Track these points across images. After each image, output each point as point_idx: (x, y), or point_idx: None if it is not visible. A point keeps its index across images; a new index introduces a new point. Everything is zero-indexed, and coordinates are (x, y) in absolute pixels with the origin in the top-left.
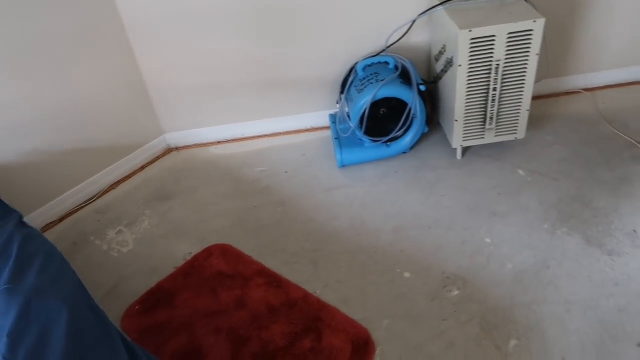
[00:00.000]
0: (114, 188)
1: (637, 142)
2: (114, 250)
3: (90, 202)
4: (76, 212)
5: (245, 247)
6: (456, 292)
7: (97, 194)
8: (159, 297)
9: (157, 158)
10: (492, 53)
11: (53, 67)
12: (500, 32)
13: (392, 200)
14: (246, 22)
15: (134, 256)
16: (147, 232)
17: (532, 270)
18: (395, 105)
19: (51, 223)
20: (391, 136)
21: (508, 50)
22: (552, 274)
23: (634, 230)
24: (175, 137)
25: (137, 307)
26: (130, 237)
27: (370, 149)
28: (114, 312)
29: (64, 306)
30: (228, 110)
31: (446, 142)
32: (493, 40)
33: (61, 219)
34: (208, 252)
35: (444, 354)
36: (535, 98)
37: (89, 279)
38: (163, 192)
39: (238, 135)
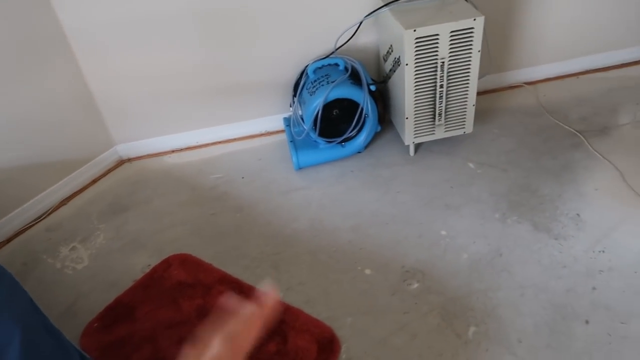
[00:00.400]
0: (65, 204)
1: (577, 131)
2: (68, 267)
3: (40, 220)
4: (25, 231)
5: (205, 255)
6: (416, 285)
7: (46, 211)
8: (118, 312)
9: (109, 170)
10: (436, 51)
11: None
12: (443, 31)
13: (349, 199)
14: (195, 28)
15: (90, 272)
16: (103, 247)
17: (486, 258)
18: (347, 105)
19: None
20: (345, 136)
21: (451, 48)
22: (505, 261)
23: (577, 214)
24: (127, 148)
25: (95, 324)
26: (85, 253)
27: (325, 150)
28: (72, 332)
29: (16, 328)
30: (180, 118)
31: (399, 139)
32: (437, 38)
33: (9, 240)
34: (167, 263)
35: (407, 345)
36: (480, 93)
37: (42, 300)
38: (117, 204)
39: (192, 143)
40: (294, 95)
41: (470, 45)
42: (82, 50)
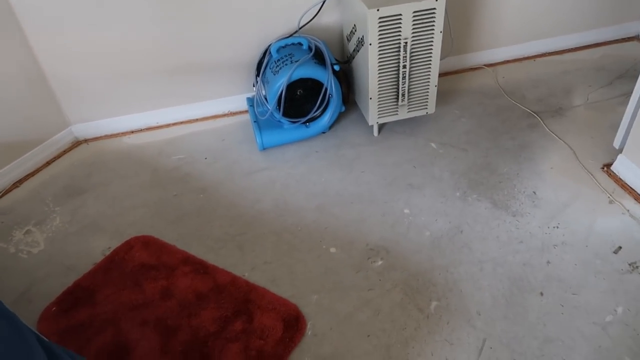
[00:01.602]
0: (17, 186)
1: (533, 112)
2: (22, 252)
3: None
4: None
5: (168, 236)
6: (380, 262)
7: None
8: (78, 295)
9: (64, 152)
10: (399, 31)
11: None
12: (406, 11)
13: (314, 179)
14: (153, 4)
15: (47, 256)
16: (59, 230)
17: (447, 235)
18: (311, 85)
19: None
20: (309, 116)
21: (414, 28)
22: (466, 237)
23: (534, 192)
24: (83, 129)
25: (53, 309)
26: (41, 237)
27: (290, 130)
28: (28, 317)
29: None
30: (140, 97)
31: (363, 120)
32: (399, 18)
33: None
34: (128, 245)
35: (372, 320)
36: (442, 74)
37: None
38: (73, 187)
39: (152, 123)
40: (257, 75)
41: (433, 25)
42: (32, 27)
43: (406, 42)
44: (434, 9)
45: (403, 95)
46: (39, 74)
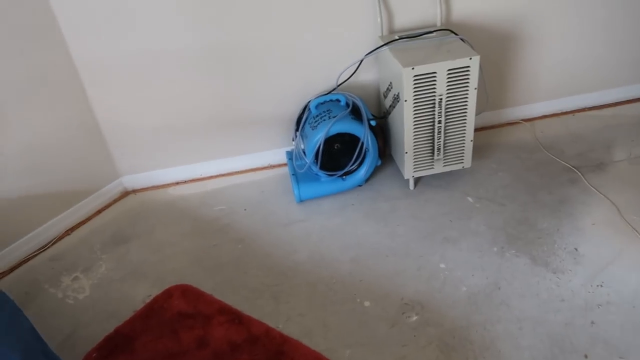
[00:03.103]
0: (69, 234)
1: (573, 167)
2: (69, 297)
3: (44, 249)
4: (28, 260)
5: (206, 285)
6: (415, 317)
7: (50, 241)
8: (117, 342)
9: (114, 201)
10: (434, 88)
11: (3, 111)
12: (440, 69)
13: (349, 232)
14: (201, 63)
15: (91, 302)
16: (104, 277)
17: (484, 291)
18: (348, 140)
19: (2, 273)
20: (346, 170)
21: (449, 86)
22: (503, 294)
23: (575, 249)
24: (132, 180)
25: (94, 355)
26: (87, 283)
27: (327, 183)
28: None
29: (17, 354)
30: (185, 150)
31: (398, 173)
32: (434, 76)
33: (12, 269)
34: (168, 293)
35: None
36: (479, 129)
37: (42, 329)
38: (120, 235)
39: (196, 175)
40: (297, 130)
41: (467, 82)
42: (91, 82)
43: (441, 99)
44: (468, 67)
45: (439, 149)
46: (95, 127)
